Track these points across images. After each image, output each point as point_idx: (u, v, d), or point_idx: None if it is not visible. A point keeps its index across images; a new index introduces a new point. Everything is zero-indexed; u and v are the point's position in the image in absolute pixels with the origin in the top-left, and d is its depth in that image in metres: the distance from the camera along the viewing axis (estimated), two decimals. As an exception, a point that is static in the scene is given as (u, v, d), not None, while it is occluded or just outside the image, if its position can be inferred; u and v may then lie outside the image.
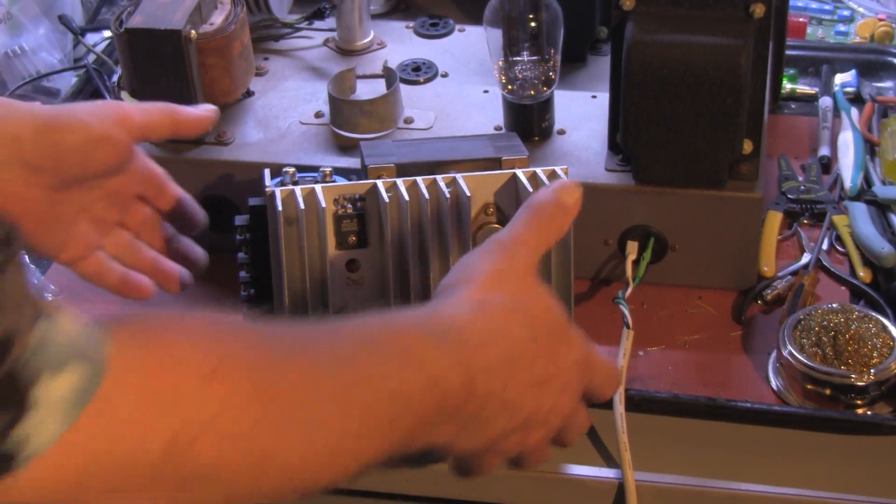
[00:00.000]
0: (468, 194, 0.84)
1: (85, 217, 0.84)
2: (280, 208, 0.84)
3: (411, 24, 1.20)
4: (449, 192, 0.84)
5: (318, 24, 1.19)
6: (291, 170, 0.89)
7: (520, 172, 0.86)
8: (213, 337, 0.58)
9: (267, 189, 0.86)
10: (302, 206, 0.84)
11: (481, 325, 0.67)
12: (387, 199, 0.84)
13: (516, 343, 0.68)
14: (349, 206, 0.86)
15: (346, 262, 0.87)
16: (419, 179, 0.85)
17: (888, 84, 1.21)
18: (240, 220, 0.90)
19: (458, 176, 0.86)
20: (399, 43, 1.17)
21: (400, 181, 0.85)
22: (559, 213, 0.74)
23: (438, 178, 0.86)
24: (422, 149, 0.91)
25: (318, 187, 0.85)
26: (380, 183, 0.85)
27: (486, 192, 0.86)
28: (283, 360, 0.59)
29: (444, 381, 0.64)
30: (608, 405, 0.87)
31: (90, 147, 0.79)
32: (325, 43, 1.17)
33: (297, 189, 0.85)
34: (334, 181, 0.89)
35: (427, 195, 0.84)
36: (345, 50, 1.16)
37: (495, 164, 0.89)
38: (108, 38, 1.28)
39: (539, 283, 0.71)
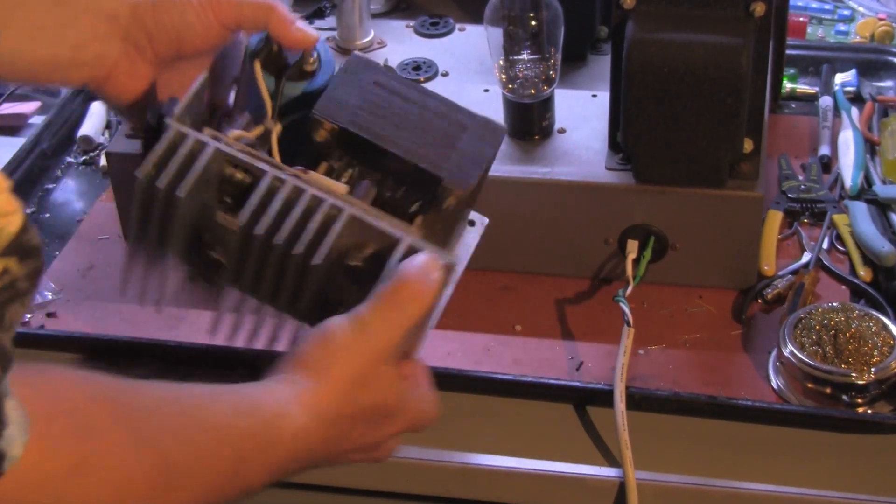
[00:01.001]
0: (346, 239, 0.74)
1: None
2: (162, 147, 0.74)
3: (411, 23, 1.20)
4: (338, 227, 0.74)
5: (318, 23, 1.19)
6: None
7: (402, 245, 0.73)
8: (80, 429, 0.62)
9: (169, 123, 0.75)
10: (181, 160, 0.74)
11: (316, 434, 0.72)
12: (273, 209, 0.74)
13: (343, 442, 0.74)
14: (243, 174, 0.76)
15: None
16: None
17: (888, 83, 1.21)
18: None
19: (360, 216, 0.74)
20: (399, 42, 1.17)
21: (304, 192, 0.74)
22: (425, 292, 0.71)
23: (335, 221, 0.74)
24: (385, 113, 0.80)
25: (211, 146, 0.74)
26: (267, 180, 0.74)
27: (368, 238, 0.75)
28: (135, 448, 0.64)
29: (280, 472, 0.72)
30: (609, 404, 0.88)
31: (183, 27, 0.82)
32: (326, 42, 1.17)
33: (191, 138, 0.74)
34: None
35: (314, 227, 0.73)
36: (345, 49, 1.16)
37: (434, 181, 0.79)
38: (108, 38, 1.28)
39: (384, 372, 0.72)
